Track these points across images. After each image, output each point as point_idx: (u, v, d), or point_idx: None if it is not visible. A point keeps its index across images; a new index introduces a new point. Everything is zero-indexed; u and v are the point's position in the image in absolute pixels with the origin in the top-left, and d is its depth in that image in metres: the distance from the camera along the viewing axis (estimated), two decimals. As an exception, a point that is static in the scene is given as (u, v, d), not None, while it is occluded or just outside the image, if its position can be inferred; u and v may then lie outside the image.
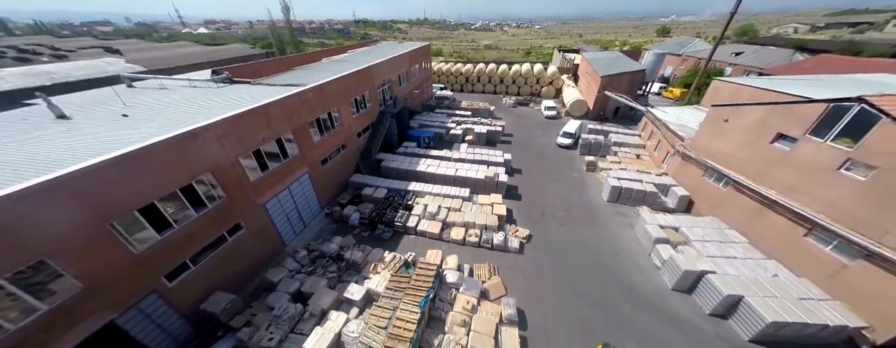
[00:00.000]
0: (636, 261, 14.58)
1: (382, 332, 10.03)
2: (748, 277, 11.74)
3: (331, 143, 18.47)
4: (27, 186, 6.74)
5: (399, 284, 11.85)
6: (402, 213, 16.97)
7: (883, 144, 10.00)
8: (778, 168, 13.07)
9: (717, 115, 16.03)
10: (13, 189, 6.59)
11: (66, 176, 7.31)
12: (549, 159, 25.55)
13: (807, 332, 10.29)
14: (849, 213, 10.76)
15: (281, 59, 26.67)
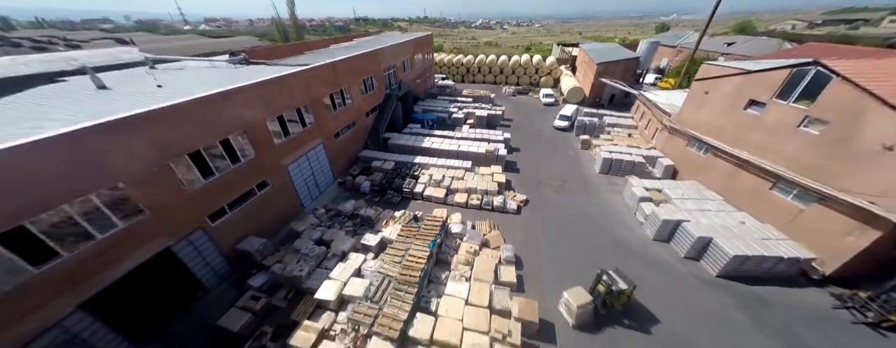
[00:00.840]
0: (623, 220, 16.07)
1: (397, 265, 11.52)
2: (718, 224, 13.24)
3: (342, 119, 19.94)
4: (112, 119, 8.23)
5: (409, 232, 13.34)
6: (409, 181, 18.47)
7: (834, 101, 11.46)
8: (750, 131, 14.54)
9: (700, 89, 17.48)
10: (103, 120, 8.08)
11: (139, 115, 8.81)
12: (546, 139, 27.01)
13: (765, 267, 11.79)
14: (806, 164, 12.24)
15: (293, 44, 28.15)
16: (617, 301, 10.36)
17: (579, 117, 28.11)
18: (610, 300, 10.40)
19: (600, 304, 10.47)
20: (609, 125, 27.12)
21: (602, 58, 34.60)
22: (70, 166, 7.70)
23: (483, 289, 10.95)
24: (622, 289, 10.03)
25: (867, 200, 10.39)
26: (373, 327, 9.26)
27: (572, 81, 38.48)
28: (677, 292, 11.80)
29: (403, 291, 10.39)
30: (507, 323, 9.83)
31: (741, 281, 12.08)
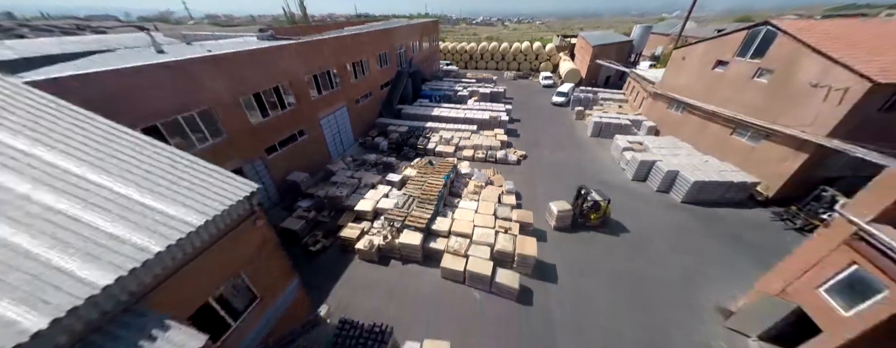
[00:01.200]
0: (608, 168, 18.61)
1: (418, 191, 14.07)
2: (686, 163, 15.75)
3: (362, 87, 22.45)
4: (210, 54, 10.79)
5: (426, 171, 15.90)
6: (422, 140, 21.00)
7: (778, 53, 13.92)
8: (716, 87, 17.01)
9: (679, 56, 19.93)
10: (197, 55, 10.62)
11: (221, 55, 11.35)
12: (545, 113, 29.50)
13: (719, 193, 14.33)
14: (758, 108, 14.72)
15: (313, 25, 30.58)
16: (593, 213, 12.86)
17: (575, 93, 30.56)
18: (587, 211, 12.91)
19: (578, 214, 13.01)
20: (602, 99, 29.56)
21: (598, 41, 37.00)
22: (182, 85, 10.26)
23: (489, 206, 13.51)
24: (597, 200, 12.57)
25: (799, 130, 12.88)
26: (404, 222, 11.84)
27: (570, 64, 40.85)
28: (647, 213, 14.35)
29: (425, 205, 12.96)
30: (509, 222, 12.40)
31: (700, 205, 14.62)
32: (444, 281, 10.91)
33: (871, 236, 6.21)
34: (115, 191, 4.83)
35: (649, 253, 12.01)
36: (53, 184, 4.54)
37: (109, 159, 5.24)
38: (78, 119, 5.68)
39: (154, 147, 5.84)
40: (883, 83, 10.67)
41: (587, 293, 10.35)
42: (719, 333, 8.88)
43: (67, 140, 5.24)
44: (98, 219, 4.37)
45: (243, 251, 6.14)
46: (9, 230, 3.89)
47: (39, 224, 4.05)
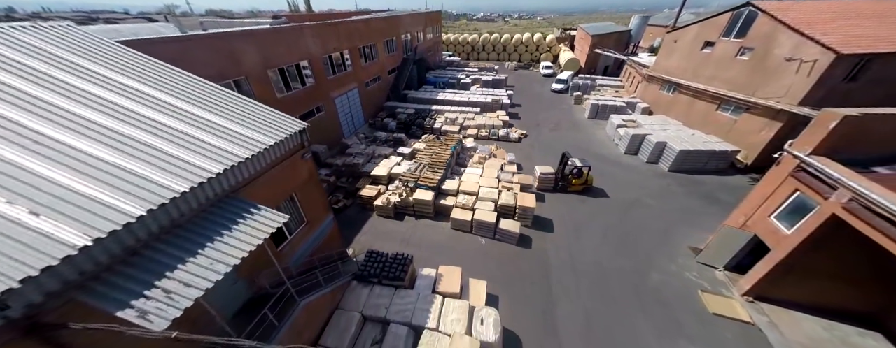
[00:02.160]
0: (604, 144, 19.95)
1: (428, 159, 15.43)
2: (674, 136, 17.08)
3: (371, 71, 23.71)
4: (246, 29, 12.10)
5: (435, 143, 17.25)
6: (429, 120, 22.33)
7: (758, 31, 15.16)
8: (704, 67, 18.27)
9: (671, 39, 21.14)
10: (241, 29, 11.94)
11: (254, 30, 12.67)
12: (545, 99, 30.75)
13: (702, 161, 15.68)
14: (740, 84, 16.01)
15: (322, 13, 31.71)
16: (575, 179, 14.16)
17: (574, 81, 31.77)
18: (569, 176, 14.23)
19: (560, 177, 14.38)
20: (600, 85, 30.79)
21: (596, 31, 38.11)
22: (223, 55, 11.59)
23: (493, 171, 14.90)
24: (579, 166, 13.93)
25: (774, 101, 14.18)
26: (417, 182, 13.23)
27: (570, 54, 41.95)
28: (636, 180, 15.70)
29: (435, 169, 14.33)
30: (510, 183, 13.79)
31: (685, 173, 15.98)
32: (454, 231, 12.33)
33: (809, 166, 7.57)
34: (210, 119, 6.21)
35: (636, 210, 13.40)
36: (170, 113, 5.93)
37: (199, 98, 6.63)
38: (164, 69, 7.05)
39: (228, 92, 7.21)
40: (845, 53, 11.95)
41: (579, 239, 11.76)
42: (692, 266, 10.30)
43: (167, 82, 6.63)
44: (206, 137, 5.77)
45: (297, 177, 7.54)
46: (153, 139, 5.28)
47: (168, 137, 5.44)
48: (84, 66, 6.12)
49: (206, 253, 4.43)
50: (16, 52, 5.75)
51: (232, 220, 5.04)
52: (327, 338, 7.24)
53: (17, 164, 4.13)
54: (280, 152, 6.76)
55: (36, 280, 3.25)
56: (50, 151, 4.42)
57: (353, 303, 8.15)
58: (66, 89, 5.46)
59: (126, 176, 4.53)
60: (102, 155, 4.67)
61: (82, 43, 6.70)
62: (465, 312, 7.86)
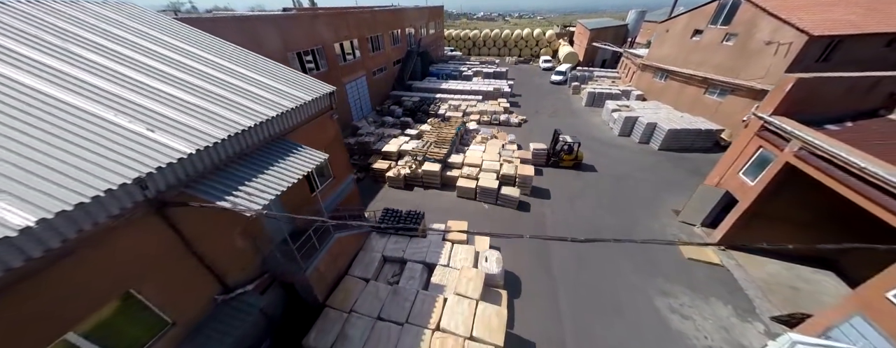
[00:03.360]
0: (599, 128, 21.12)
1: (434, 137, 16.60)
2: (664, 117, 18.23)
3: (378, 61, 24.89)
4: (263, 14, 13.26)
5: (440, 126, 18.43)
6: (433, 106, 23.49)
7: (741, 18, 16.30)
8: (693, 53, 19.42)
9: (663, 29, 22.28)
10: (260, 13, 13.10)
11: (276, 15, 13.83)
12: (544, 90, 31.90)
13: (690, 140, 16.84)
14: (725, 68, 17.17)
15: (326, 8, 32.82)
16: (566, 155, 15.33)
17: (572, 73, 32.90)
18: (560, 152, 15.38)
19: (552, 153, 15.54)
20: (597, 76, 31.93)
21: (594, 25, 39.22)
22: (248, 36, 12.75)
23: (495, 148, 16.08)
24: (569, 142, 15.08)
25: (755, 82, 15.34)
26: (426, 155, 14.42)
27: (568, 48, 43.07)
28: (628, 158, 16.87)
29: (442, 146, 15.50)
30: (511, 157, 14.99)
31: (674, 151, 17.14)
32: (459, 199, 13.52)
33: (770, 124, 8.73)
34: (258, 79, 7.41)
35: (626, 182, 14.57)
36: (234, 76, 7.14)
37: (253, 65, 7.84)
38: (222, 43, 8.26)
39: (274, 62, 8.42)
40: (816, 35, 13.10)
41: (574, 204, 12.94)
42: (674, 224, 11.48)
43: (227, 52, 7.85)
44: (262, 92, 6.96)
45: (326, 134, 8.71)
46: (225, 93, 6.47)
47: (235, 89, 6.64)
48: (164, 39, 7.35)
49: (272, 172, 5.62)
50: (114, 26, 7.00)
51: (287, 154, 6.23)
52: (354, 270, 8.43)
53: (139, 104, 5.33)
54: (315, 108, 7.94)
55: (161, 171, 4.42)
56: (161, 98, 5.62)
57: (374, 248, 9.34)
58: (160, 57, 6.70)
59: (211, 115, 5.74)
60: (194, 100, 5.88)
61: (150, 20, 7.91)
62: (471, 254, 9.05)
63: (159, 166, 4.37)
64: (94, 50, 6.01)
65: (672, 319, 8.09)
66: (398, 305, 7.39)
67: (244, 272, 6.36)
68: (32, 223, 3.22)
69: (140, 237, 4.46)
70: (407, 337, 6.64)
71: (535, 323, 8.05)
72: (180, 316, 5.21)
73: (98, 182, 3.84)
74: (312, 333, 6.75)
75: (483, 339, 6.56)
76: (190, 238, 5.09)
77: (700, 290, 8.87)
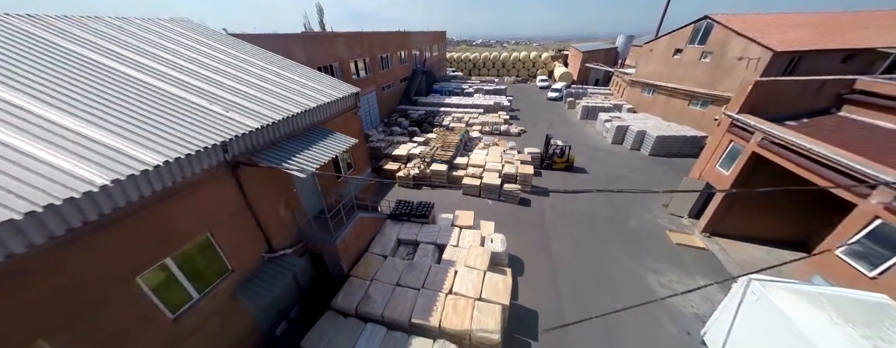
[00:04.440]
0: (593, 137, 22.57)
1: (440, 143, 17.94)
2: (652, 126, 19.70)
3: (387, 77, 26.90)
4: (293, 33, 15.07)
5: (445, 134, 19.86)
6: (438, 118, 25.12)
7: (715, 39, 18.24)
8: (675, 70, 21.29)
9: (648, 48, 24.41)
10: (290, 33, 14.90)
11: (302, 34, 15.67)
12: (541, 105, 33.86)
13: (677, 146, 18.18)
14: (705, 82, 18.88)
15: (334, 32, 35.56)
16: (558, 158, 16.59)
17: (568, 90, 35.05)
18: (552, 155, 16.65)
19: (546, 156, 16.78)
20: (591, 93, 34.01)
21: (587, 48, 42.12)
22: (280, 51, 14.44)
23: (497, 152, 17.37)
24: (560, 145, 16.40)
25: (730, 93, 16.92)
26: (433, 157, 15.65)
27: (563, 69, 45.84)
28: (621, 162, 18.11)
29: (448, 149, 16.80)
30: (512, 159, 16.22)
31: (663, 156, 18.41)
32: (465, 195, 14.57)
33: (737, 120, 10.04)
34: (300, 80, 8.83)
35: (620, 181, 15.69)
36: (283, 80, 8.57)
37: (289, 68, 9.31)
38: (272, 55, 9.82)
39: (305, 67, 9.91)
40: (779, 51, 14.83)
41: (572, 200, 13.97)
42: (664, 216, 12.46)
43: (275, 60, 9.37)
44: (299, 88, 8.35)
45: (352, 128, 9.99)
46: (276, 89, 7.86)
47: (283, 87, 8.02)
48: (218, 49, 8.88)
49: (316, 148, 6.83)
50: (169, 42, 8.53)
51: (325, 137, 7.47)
52: (373, 249, 9.35)
53: (221, 95, 6.67)
54: (344, 105, 9.28)
55: (236, 139, 5.61)
56: (235, 92, 6.98)
57: (389, 232, 10.29)
58: (229, 64, 8.16)
59: (269, 103, 7.09)
60: (256, 93, 7.28)
61: (213, 35, 9.50)
62: (478, 236, 10.00)
63: (235, 135, 5.58)
64: (191, 62, 7.54)
65: (661, 292, 8.90)
66: (414, 275, 8.27)
67: (285, 238, 7.35)
68: (161, 162, 4.37)
69: (219, 191, 5.57)
70: (423, 298, 7.48)
71: (537, 296, 8.85)
72: (238, 265, 6.16)
73: (200, 142, 5.04)
74: (340, 295, 7.60)
75: (491, 300, 7.40)
76: (250, 198, 6.18)
77: (687, 270, 9.72)
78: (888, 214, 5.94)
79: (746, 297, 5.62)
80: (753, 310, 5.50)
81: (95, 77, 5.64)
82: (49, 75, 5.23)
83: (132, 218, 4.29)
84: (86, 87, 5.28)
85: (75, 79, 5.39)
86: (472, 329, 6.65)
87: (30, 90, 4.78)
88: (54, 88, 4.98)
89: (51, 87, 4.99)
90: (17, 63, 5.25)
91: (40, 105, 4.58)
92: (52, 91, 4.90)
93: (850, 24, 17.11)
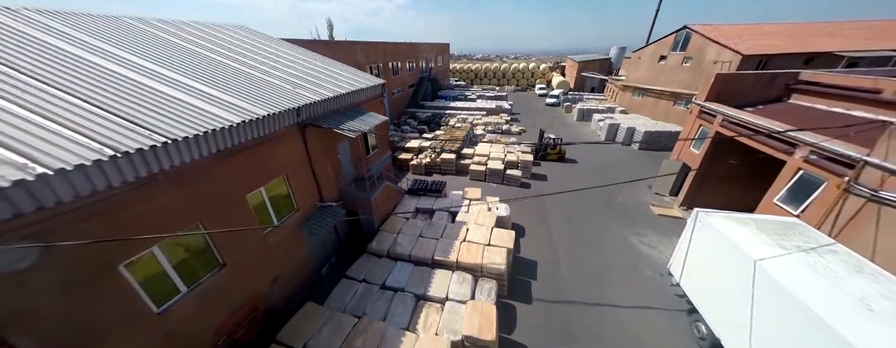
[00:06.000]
0: (588, 135, 24.45)
1: (448, 137, 19.81)
2: (641, 124, 21.60)
3: (397, 83, 29.16)
4: (318, 39, 17.25)
5: (451, 130, 21.77)
6: (444, 118, 27.15)
7: (694, 46, 20.40)
8: (661, 74, 23.40)
9: (636, 56, 26.68)
10: (314, 39, 17.09)
11: (327, 40, 17.86)
12: (540, 110, 36.02)
13: (663, 140, 19.99)
14: (687, 84, 20.90)
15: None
16: (551, 150, 18.40)
17: (565, 96, 37.31)
18: (545, 147, 18.47)
19: (540, 148, 18.59)
20: (586, 98, 36.23)
21: (582, 58, 44.75)
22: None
23: (499, 145, 19.20)
24: (553, 138, 18.23)
25: (709, 92, 18.88)
26: (444, 146, 17.47)
27: (560, 78, 48.40)
28: (613, 155, 19.89)
29: (455, 142, 18.65)
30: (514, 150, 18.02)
31: (652, 150, 20.19)
32: (472, 181, 16.27)
33: (704, 107, 11.87)
34: (339, 71, 10.80)
35: (613, 169, 17.42)
36: (325, 71, 10.55)
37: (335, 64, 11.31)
38: (314, 55, 11.86)
39: (342, 64, 11.92)
40: (747, 54, 16.87)
41: (567, 183, 15.67)
42: (648, 194, 14.10)
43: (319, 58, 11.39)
44: (341, 77, 10.29)
45: (380, 112, 11.86)
46: (325, 76, 9.82)
47: (330, 75, 9.98)
48: (276, 48, 10.93)
49: (359, 120, 8.66)
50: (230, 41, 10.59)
51: (363, 114, 9.32)
52: (398, 209, 11.00)
53: (291, 79, 8.60)
54: (373, 93, 11.20)
55: (305, 106, 7.44)
56: (300, 77, 8.94)
57: (409, 203, 11.96)
58: (288, 58, 10.16)
59: (323, 85, 9.01)
60: (311, 79, 9.19)
61: (264, 38, 11.58)
62: (485, 206, 11.65)
63: (304, 104, 7.41)
64: (267, 58, 9.54)
65: (641, 248, 10.46)
66: (433, 230, 9.90)
67: (331, 194, 9.05)
68: (264, 114, 6.18)
69: (292, 144, 7.37)
70: (442, 244, 9.09)
71: (536, 250, 10.42)
72: (301, 206, 7.86)
73: (283, 105, 6.90)
74: (374, 241, 9.23)
75: (498, 245, 9.00)
76: (311, 155, 7.95)
77: (664, 232, 11.29)
78: (806, 165, 7.62)
79: (696, 225, 7.22)
80: (700, 234, 7.09)
81: (224, 69, 7.58)
82: (202, 67, 7.17)
83: (245, 152, 6.05)
84: (223, 75, 7.22)
85: (217, 70, 7.34)
86: (483, 263, 8.24)
87: (189, 74, 6.69)
88: (205, 74, 6.95)
89: (205, 73, 6.95)
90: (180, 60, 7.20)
91: (195, 82, 6.46)
92: (203, 75, 6.85)
93: (813, 32, 19.28)
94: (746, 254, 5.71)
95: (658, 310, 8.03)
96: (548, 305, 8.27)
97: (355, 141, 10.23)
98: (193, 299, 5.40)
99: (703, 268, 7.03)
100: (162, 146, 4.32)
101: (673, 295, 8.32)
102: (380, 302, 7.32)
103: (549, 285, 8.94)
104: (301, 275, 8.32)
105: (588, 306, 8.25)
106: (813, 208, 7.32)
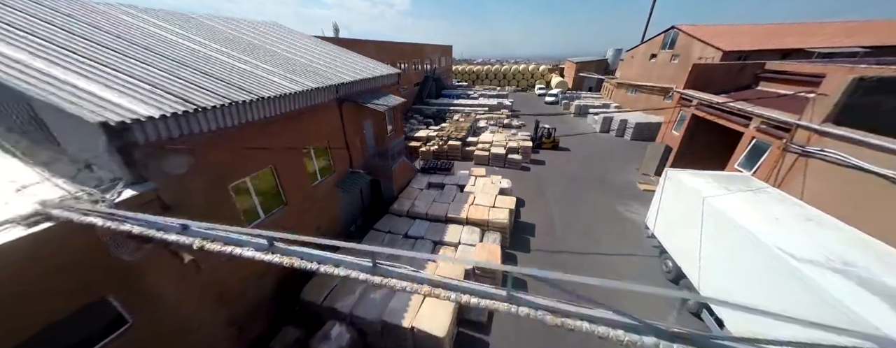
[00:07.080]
0: (584, 128, 26.05)
1: (454, 127, 21.41)
2: (632, 117, 23.19)
3: (403, 81, 30.84)
4: (335, 37, 19.01)
5: (456, 122, 23.41)
6: (448, 114, 28.79)
7: (681, 44, 22.08)
8: (651, 71, 25.07)
9: (629, 55, 28.37)
10: (330, 36, 18.83)
11: (343, 39, 19.60)
12: (540, 107, 37.70)
13: (654, 132, 21.47)
14: (674, 79, 22.47)
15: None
16: (546, 139, 19.99)
17: (563, 95, 39.01)
18: (541, 136, 20.05)
19: (536, 137, 20.15)
20: (584, 96, 37.92)
21: (580, 59, 46.55)
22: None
23: (502, 135, 20.78)
24: (547, 128, 19.82)
25: (695, 86, 20.48)
26: (451, 134, 19.06)
27: (559, 77, 50.19)
28: (607, 145, 21.44)
29: (461, 132, 20.24)
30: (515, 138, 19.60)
31: (643, 140, 21.72)
32: (477, 166, 17.79)
33: (683, 94, 13.44)
34: (365, 61, 12.44)
35: (606, 156, 18.96)
36: (350, 61, 12.22)
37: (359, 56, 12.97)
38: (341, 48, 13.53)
39: (362, 56, 13.57)
40: (727, 50, 18.51)
41: (563, 167, 17.20)
42: (636, 176, 15.62)
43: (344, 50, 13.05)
44: (362, 66, 11.93)
45: (395, 98, 13.46)
46: (352, 65, 11.45)
47: (356, 63, 11.62)
48: (302, 41, 12.57)
49: (382, 99, 10.25)
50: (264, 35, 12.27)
51: (386, 95, 10.91)
52: (412, 184, 12.55)
53: (328, 67, 10.25)
54: (390, 80, 12.80)
55: (342, 84, 9.04)
56: (334, 65, 10.58)
57: (422, 179, 13.50)
58: (321, 49, 11.82)
59: (352, 71, 10.62)
60: (342, 67, 10.81)
61: (299, 34, 13.27)
62: (489, 180, 13.18)
63: (341, 82, 9.01)
64: (305, 49, 11.19)
65: (626, 214, 11.96)
66: (445, 197, 11.43)
67: (358, 163, 10.61)
68: (314, 86, 7.77)
69: (332, 115, 8.95)
70: (454, 206, 10.62)
71: (535, 216, 11.92)
72: (337, 169, 9.42)
73: (328, 82, 8.50)
74: (395, 204, 10.76)
75: (501, 206, 10.51)
76: (345, 127, 9.53)
77: (647, 204, 12.65)
78: (758, 133, 9.16)
79: (666, 181, 8.73)
80: (668, 187, 8.60)
81: (278, 56, 9.22)
82: (261, 54, 8.81)
83: (301, 117, 7.63)
84: (279, 60, 8.84)
85: (273, 57, 8.97)
86: (489, 218, 9.75)
87: (260, 59, 8.32)
88: (266, 59, 8.55)
89: (266, 58, 8.56)
90: (252, 50, 8.82)
91: (264, 64, 8.08)
92: (266, 60, 8.45)
93: (788, 31, 20.94)
94: (699, 194, 7.22)
95: (638, 256, 9.52)
96: (545, 254, 9.77)
97: (378, 121, 11.82)
98: (268, 226, 6.93)
99: (669, 213, 8.54)
100: (257, 100, 5.89)
101: (650, 246, 9.80)
102: (404, 246, 8.83)
103: (545, 240, 10.44)
104: (335, 230, 9.83)
105: (579, 255, 9.75)
106: (763, 168, 8.83)
